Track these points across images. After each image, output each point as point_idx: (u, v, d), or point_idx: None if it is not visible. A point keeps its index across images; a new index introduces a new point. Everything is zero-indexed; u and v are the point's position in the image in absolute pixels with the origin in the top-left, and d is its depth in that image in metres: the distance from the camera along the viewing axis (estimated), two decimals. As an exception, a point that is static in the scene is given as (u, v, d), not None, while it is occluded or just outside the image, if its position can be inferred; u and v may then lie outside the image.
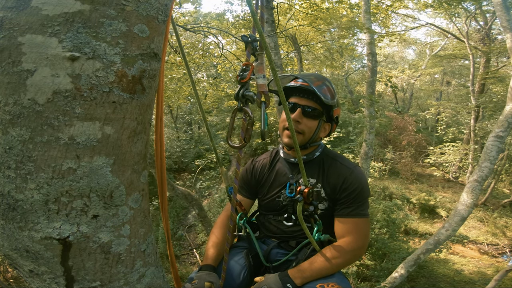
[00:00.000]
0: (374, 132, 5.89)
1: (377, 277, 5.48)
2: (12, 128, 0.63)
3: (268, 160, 1.47)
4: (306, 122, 1.27)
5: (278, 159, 1.44)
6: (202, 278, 1.19)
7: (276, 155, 1.47)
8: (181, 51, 1.14)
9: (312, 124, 1.28)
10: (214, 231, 1.43)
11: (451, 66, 16.97)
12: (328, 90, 1.26)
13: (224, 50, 5.82)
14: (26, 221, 0.66)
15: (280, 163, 1.42)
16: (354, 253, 1.22)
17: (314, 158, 1.36)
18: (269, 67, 0.80)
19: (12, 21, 0.63)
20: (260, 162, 1.49)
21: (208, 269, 1.26)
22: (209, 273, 1.23)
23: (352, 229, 1.24)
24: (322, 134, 1.36)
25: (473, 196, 4.01)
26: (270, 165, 1.45)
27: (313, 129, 1.29)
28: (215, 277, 1.21)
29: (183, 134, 15.22)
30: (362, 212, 1.26)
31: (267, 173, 1.44)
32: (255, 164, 1.49)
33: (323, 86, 1.26)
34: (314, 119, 1.28)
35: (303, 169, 1.02)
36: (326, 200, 1.31)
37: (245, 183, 1.50)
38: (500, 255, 7.93)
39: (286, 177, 1.37)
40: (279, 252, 1.40)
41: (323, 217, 1.31)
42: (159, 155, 0.97)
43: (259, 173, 1.46)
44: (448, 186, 11.72)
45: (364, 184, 1.28)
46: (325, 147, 1.41)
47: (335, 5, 7.99)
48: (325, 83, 1.27)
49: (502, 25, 4.19)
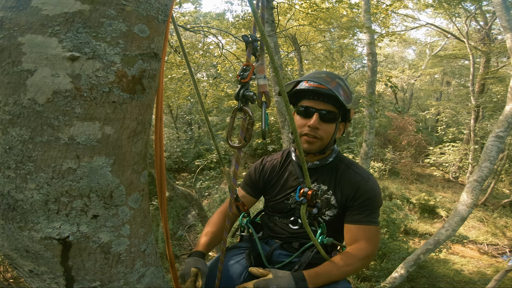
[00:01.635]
0: (374, 132, 5.89)
1: (377, 277, 5.48)
2: (12, 128, 0.63)
3: (279, 161, 1.43)
4: (324, 128, 1.21)
5: (289, 161, 1.41)
6: (189, 264, 1.18)
7: (287, 156, 1.44)
8: (183, 51, 1.14)
9: (330, 129, 1.23)
10: (210, 220, 1.42)
11: (451, 66, 16.97)
12: (344, 90, 1.19)
13: (224, 50, 5.81)
14: (26, 221, 0.66)
15: (292, 165, 1.39)
16: (364, 260, 1.19)
17: (327, 164, 1.32)
18: (270, 67, 0.80)
19: (12, 21, 0.63)
20: (271, 162, 1.45)
21: (197, 255, 1.25)
22: (197, 259, 1.22)
23: (363, 236, 1.21)
24: (338, 134, 1.31)
25: (473, 196, 4.01)
26: (281, 167, 1.42)
27: (331, 134, 1.24)
28: (203, 263, 1.20)
29: (183, 134, 15.22)
30: (373, 220, 1.23)
31: (277, 175, 1.42)
32: (265, 164, 1.46)
33: (339, 87, 1.18)
34: (332, 123, 1.23)
35: (306, 171, 1.01)
36: (336, 207, 1.28)
37: (251, 181, 1.47)
38: (500, 255, 7.94)
39: (297, 181, 1.34)
40: (281, 254, 1.38)
41: (330, 223, 1.29)
42: (158, 155, 0.97)
43: (269, 173, 1.43)
44: (448, 186, 11.73)
45: (377, 193, 1.26)
46: (339, 152, 1.37)
47: (335, 5, 7.99)
48: (339, 82, 1.20)
49: (502, 25, 4.19)
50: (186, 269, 1.15)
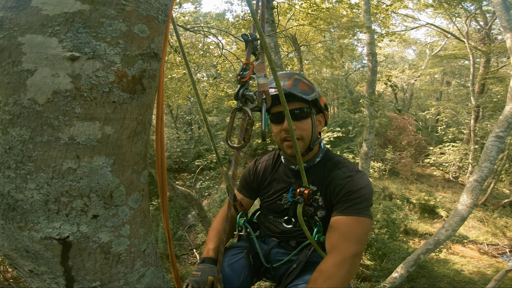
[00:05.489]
0: (374, 132, 5.89)
1: (377, 277, 5.48)
2: (12, 128, 0.63)
3: (270, 162, 1.45)
4: (300, 126, 1.20)
5: (280, 163, 1.42)
6: (205, 272, 1.16)
7: (278, 157, 1.45)
8: (182, 51, 1.13)
9: (307, 125, 1.22)
10: (215, 224, 1.43)
11: (451, 66, 16.97)
12: (303, 83, 1.20)
13: (224, 50, 5.81)
14: (26, 221, 0.66)
15: (282, 167, 1.41)
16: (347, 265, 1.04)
17: (315, 165, 1.31)
18: (269, 68, 0.80)
19: (12, 21, 0.63)
20: (263, 163, 1.47)
21: (210, 262, 1.25)
22: (212, 266, 1.21)
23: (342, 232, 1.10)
24: (320, 127, 1.31)
25: (473, 196, 4.01)
26: (273, 168, 1.43)
27: (310, 129, 1.23)
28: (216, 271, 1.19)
29: (183, 134, 15.22)
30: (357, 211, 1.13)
31: (269, 175, 1.43)
32: (258, 166, 1.48)
33: (298, 82, 1.19)
34: (306, 119, 1.22)
35: (303, 171, 1.01)
36: (324, 208, 1.27)
37: (246, 183, 1.50)
38: (500, 255, 7.94)
39: (288, 181, 1.35)
40: (279, 252, 1.39)
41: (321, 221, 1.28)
42: (159, 155, 0.97)
43: (262, 174, 1.45)
44: (448, 186, 11.73)
45: (361, 185, 1.17)
46: (327, 150, 1.36)
47: (335, 5, 8.00)
48: (297, 78, 1.21)
49: (502, 25, 4.19)
50: (203, 277, 1.14)
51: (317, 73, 16.12)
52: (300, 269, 1.26)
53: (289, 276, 1.27)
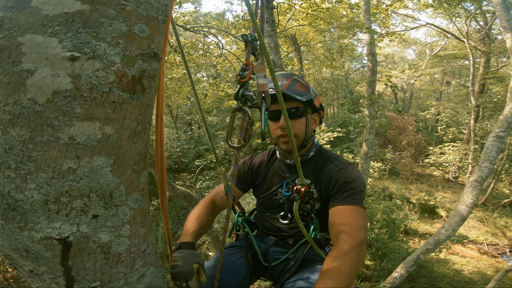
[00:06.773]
0: (374, 132, 5.89)
1: (377, 277, 5.48)
2: (12, 128, 0.63)
3: (265, 158, 1.48)
4: (295, 124, 1.26)
5: (275, 159, 1.46)
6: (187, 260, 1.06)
7: (273, 154, 1.48)
8: (181, 52, 1.13)
9: (301, 124, 1.28)
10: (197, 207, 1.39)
11: (451, 66, 16.98)
12: (300, 85, 1.26)
13: (224, 50, 5.81)
14: (26, 221, 0.66)
15: (277, 162, 1.43)
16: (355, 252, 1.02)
17: (308, 159, 1.36)
18: (267, 68, 0.80)
19: (12, 21, 0.63)
20: (259, 158, 1.50)
21: (187, 247, 1.15)
22: (192, 252, 1.12)
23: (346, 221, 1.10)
24: (314, 126, 1.37)
25: (473, 196, 4.01)
26: (268, 163, 1.46)
27: (304, 128, 1.29)
28: (198, 256, 1.12)
29: (183, 134, 15.21)
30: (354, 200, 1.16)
31: (264, 171, 1.45)
32: (253, 159, 1.51)
33: (295, 82, 1.25)
34: (301, 118, 1.28)
35: (300, 168, 1.02)
36: (318, 200, 1.30)
37: (239, 173, 1.50)
38: (500, 255, 7.94)
39: (283, 176, 1.38)
40: (276, 251, 1.40)
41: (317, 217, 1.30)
42: (159, 155, 0.97)
43: (256, 168, 1.47)
44: (448, 186, 11.73)
45: (356, 178, 1.21)
46: (320, 146, 1.41)
47: (335, 5, 7.99)
48: (294, 78, 1.27)
49: (502, 25, 4.19)
50: (187, 266, 1.05)
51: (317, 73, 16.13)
52: (297, 267, 1.27)
53: (287, 273, 1.27)
